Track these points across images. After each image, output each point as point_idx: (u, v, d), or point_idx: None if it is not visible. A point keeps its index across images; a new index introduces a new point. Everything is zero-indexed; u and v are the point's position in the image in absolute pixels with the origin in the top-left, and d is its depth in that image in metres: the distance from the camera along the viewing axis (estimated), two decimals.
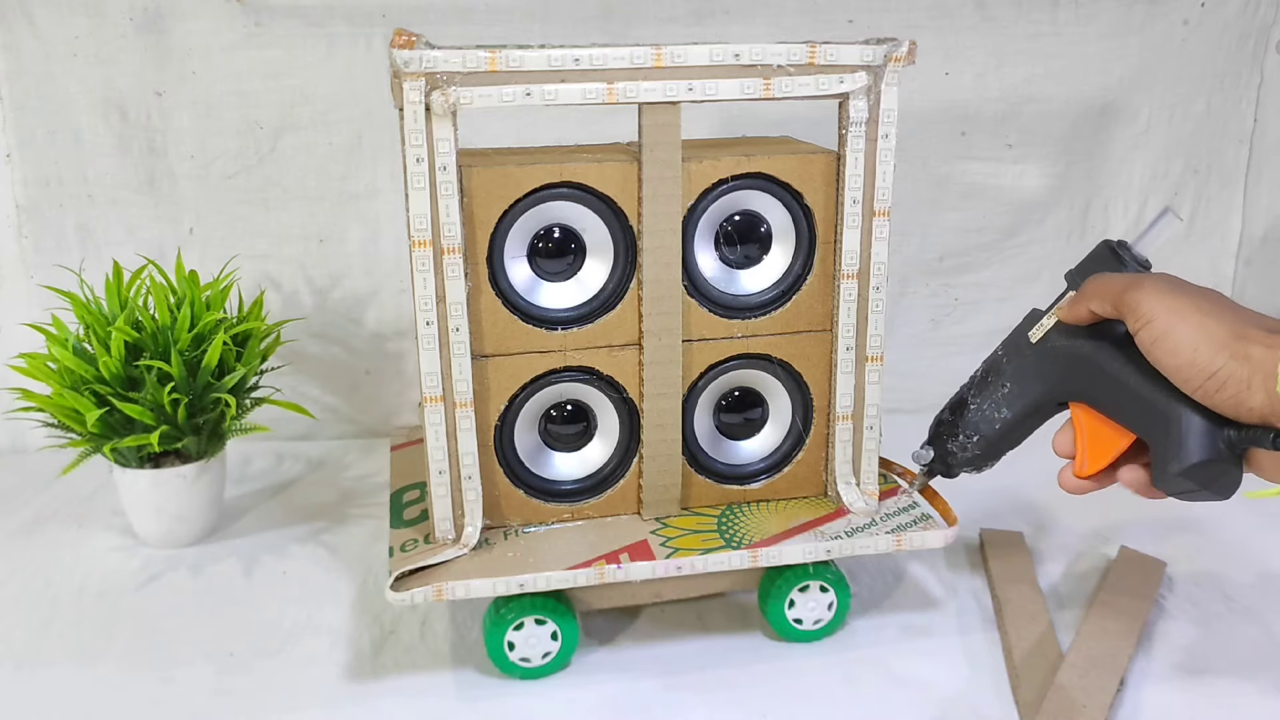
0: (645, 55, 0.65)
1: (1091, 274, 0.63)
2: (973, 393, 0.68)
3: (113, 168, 1.02)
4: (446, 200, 0.64)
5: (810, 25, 1.04)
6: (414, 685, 0.71)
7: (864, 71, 0.67)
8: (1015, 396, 0.66)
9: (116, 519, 0.92)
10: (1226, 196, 1.15)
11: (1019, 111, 1.09)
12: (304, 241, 1.05)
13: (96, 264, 1.01)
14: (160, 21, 0.98)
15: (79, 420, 0.81)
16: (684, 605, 0.78)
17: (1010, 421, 0.66)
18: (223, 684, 0.71)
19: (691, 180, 0.69)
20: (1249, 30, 1.09)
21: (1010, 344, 0.67)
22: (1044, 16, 1.07)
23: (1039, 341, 0.65)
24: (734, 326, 0.73)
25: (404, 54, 0.61)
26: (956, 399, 0.69)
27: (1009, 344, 0.67)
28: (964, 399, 0.69)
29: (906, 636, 0.76)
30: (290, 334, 1.02)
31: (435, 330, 0.67)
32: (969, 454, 0.68)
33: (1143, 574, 0.81)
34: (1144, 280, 0.57)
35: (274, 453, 1.07)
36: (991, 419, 0.67)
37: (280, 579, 0.84)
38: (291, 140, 1.02)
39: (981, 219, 1.12)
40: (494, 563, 0.69)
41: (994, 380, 0.67)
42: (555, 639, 0.70)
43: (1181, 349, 0.54)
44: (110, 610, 0.79)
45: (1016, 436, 0.67)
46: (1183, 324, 0.54)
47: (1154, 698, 0.68)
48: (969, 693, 0.69)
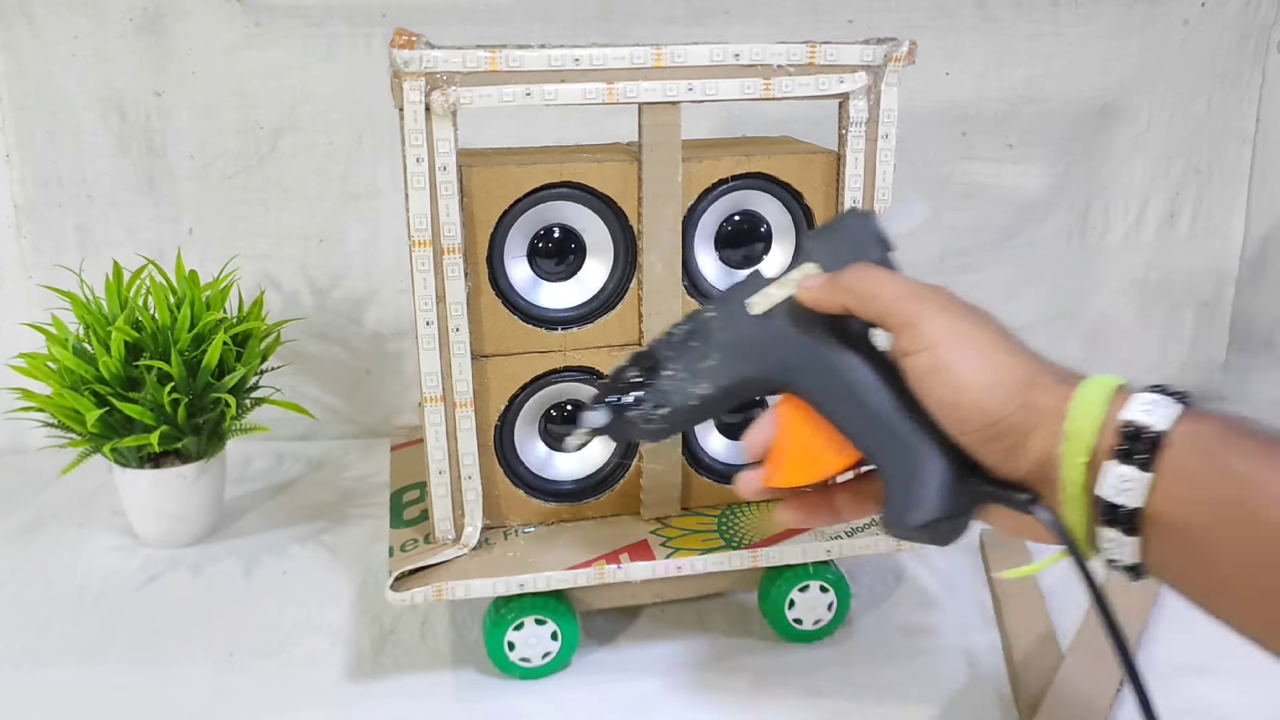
0: (645, 55, 0.65)
1: (841, 251, 0.53)
2: (670, 355, 0.57)
3: (112, 168, 1.02)
4: (446, 200, 0.64)
5: (810, 25, 1.04)
6: (414, 685, 0.71)
7: (864, 71, 0.67)
8: (720, 373, 0.55)
9: (116, 519, 0.92)
10: (1228, 197, 1.15)
11: (1019, 111, 1.09)
12: (304, 241, 1.05)
13: (96, 264, 1.01)
14: (160, 21, 0.98)
15: (79, 420, 0.81)
16: (684, 605, 0.78)
17: (709, 398, 0.55)
18: (223, 684, 0.71)
19: (691, 180, 0.69)
20: (1250, 30, 1.09)
21: (725, 308, 0.57)
22: (1044, 16, 1.07)
23: (761, 316, 0.55)
24: None
25: (404, 54, 0.61)
26: (648, 356, 0.58)
27: (724, 308, 0.57)
28: (659, 361, 0.57)
29: (906, 636, 0.76)
30: (290, 334, 1.02)
31: (435, 330, 0.67)
32: (652, 426, 0.57)
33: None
34: (925, 294, 0.48)
35: (274, 453, 1.07)
36: (687, 392, 0.56)
37: (280, 579, 0.84)
38: (291, 140, 1.02)
39: (981, 219, 1.12)
40: (494, 563, 0.69)
41: (698, 347, 0.56)
42: (555, 639, 0.70)
43: (965, 388, 0.45)
44: (110, 610, 0.79)
45: (711, 414, 0.57)
46: (970, 358, 0.46)
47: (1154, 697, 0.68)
48: (969, 692, 0.69)
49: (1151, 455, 0.40)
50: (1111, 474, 0.41)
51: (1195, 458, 0.40)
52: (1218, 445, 0.39)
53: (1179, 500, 0.40)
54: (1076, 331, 1.17)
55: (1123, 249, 1.15)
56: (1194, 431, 0.40)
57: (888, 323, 0.49)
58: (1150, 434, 0.41)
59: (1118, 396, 0.43)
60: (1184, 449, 0.40)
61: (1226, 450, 0.39)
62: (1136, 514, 0.41)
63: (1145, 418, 0.41)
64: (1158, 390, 0.43)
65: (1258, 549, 0.38)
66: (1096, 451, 0.42)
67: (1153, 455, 0.40)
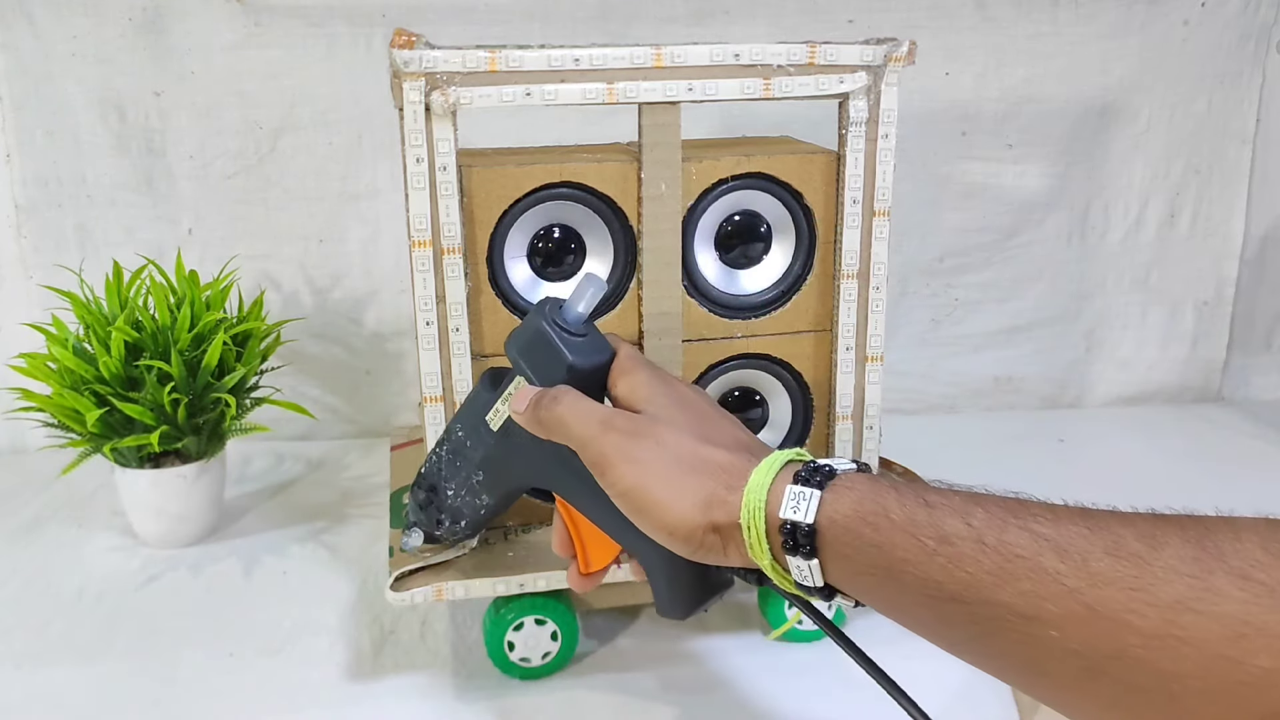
0: (645, 55, 0.65)
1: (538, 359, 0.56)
2: (444, 476, 0.63)
3: (112, 168, 1.02)
4: (446, 200, 0.64)
5: (810, 25, 1.04)
6: (414, 685, 0.71)
7: (864, 71, 0.67)
8: (491, 485, 0.61)
9: (116, 519, 0.92)
10: (1228, 197, 1.15)
11: (1019, 111, 1.09)
12: (304, 241, 1.05)
13: (96, 264, 1.01)
14: (159, 21, 0.98)
15: (79, 420, 0.81)
16: None
17: (494, 505, 0.62)
18: (223, 684, 0.71)
19: (691, 180, 0.69)
20: (1250, 30, 1.09)
21: (469, 425, 0.61)
22: (1044, 16, 1.07)
23: (500, 431, 0.59)
24: (734, 326, 0.73)
25: (404, 54, 0.61)
26: (429, 481, 0.64)
27: (467, 424, 0.61)
28: (436, 485, 0.63)
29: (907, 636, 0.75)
30: (290, 334, 1.02)
31: (435, 330, 0.67)
32: (459, 535, 0.65)
33: None
34: (606, 436, 0.51)
35: (274, 453, 1.07)
36: (474, 505, 0.62)
37: (280, 579, 0.84)
38: (291, 140, 1.02)
39: (981, 219, 1.12)
40: (494, 563, 0.69)
41: (463, 466, 0.61)
42: (555, 639, 0.70)
43: (656, 527, 0.50)
44: (110, 610, 0.79)
45: (507, 507, 0.63)
46: (655, 495, 0.50)
47: None
48: (969, 693, 0.69)
49: (811, 544, 0.46)
50: (791, 564, 0.47)
51: (844, 538, 0.46)
52: (857, 524, 0.45)
53: (842, 574, 0.47)
54: (1076, 331, 1.17)
55: (1123, 249, 1.15)
56: (834, 516, 0.46)
57: (588, 464, 0.52)
58: (804, 528, 0.46)
59: (774, 491, 0.48)
60: (833, 534, 0.46)
61: (863, 527, 0.45)
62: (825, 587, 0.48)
63: (795, 515, 0.47)
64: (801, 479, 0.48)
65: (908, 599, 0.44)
66: (774, 549, 0.48)
67: (812, 544, 0.46)
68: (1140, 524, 0.39)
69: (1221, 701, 0.34)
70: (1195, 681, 0.34)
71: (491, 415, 0.59)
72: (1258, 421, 1.15)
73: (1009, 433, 1.10)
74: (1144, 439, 1.10)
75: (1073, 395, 1.19)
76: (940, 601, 0.42)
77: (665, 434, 0.52)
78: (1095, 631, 0.37)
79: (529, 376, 0.57)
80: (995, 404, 1.18)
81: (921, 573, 0.43)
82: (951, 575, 0.42)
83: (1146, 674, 0.36)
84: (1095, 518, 0.40)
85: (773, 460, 0.49)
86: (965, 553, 0.41)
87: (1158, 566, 0.37)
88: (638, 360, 0.57)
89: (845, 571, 0.46)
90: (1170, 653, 0.35)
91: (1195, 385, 1.20)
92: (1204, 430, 1.13)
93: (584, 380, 0.55)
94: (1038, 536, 0.40)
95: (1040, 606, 0.39)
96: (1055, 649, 0.38)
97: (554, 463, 0.55)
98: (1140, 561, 0.37)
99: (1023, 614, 0.39)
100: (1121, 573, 0.37)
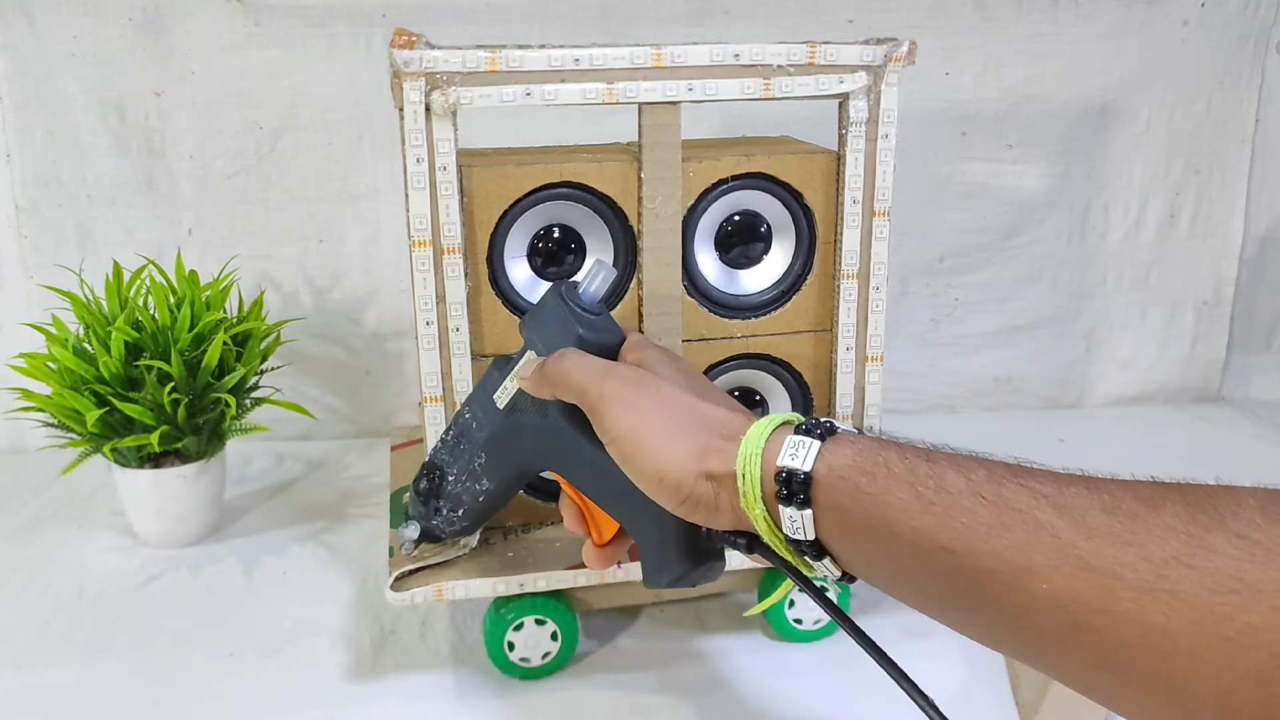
0: (645, 55, 0.65)
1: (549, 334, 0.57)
2: (447, 461, 0.64)
3: (112, 168, 1.02)
4: (446, 200, 0.64)
5: (810, 25, 1.04)
6: (414, 685, 0.71)
7: (864, 71, 0.67)
8: (493, 468, 0.61)
9: (116, 519, 0.92)
10: (1228, 197, 1.15)
11: (1019, 111, 1.09)
12: (304, 241, 1.05)
13: (96, 264, 1.01)
14: (159, 21, 0.98)
15: (79, 420, 0.81)
16: (684, 605, 0.78)
17: (494, 492, 0.62)
18: (223, 684, 0.71)
19: (691, 180, 0.69)
20: (1249, 30, 1.09)
21: (478, 405, 0.62)
22: (1044, 16, 1.07)
23: (506, 409, 0.60)
24: (734, 326, 0.73)
25: (404, 54, 0.61)
26: (432, 465, 0.65)
27: (476, 405, 0.62)
28: (441, 466, 0.64)
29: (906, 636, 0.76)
30: (290, 334, 1.02)
31: (435, 330, 0.67)
32: (456, 527, 0.65)
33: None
34: (607, 381, 0.52)
35: (274, 453, 1.07)
36: (474, 491, 0.63)
37: (280, 579, 0.84)
38: (291, 140, 1.02)
39: (981, 219, 1.12)
40: (494, 563, 0.69)
41: (467, 448, 0.63)
42: (555, 639, 0.70)
43: (650, 475, 0.50)
44: (110, 610, 0.79)
45: (505, 501, 0.64)
46: (649, 444, 0.50)
47: None
48: (969, 693, 0.69)
49: (806, 494, 0.46)
50: (784, 515, 0.47)
51: (839, 488, 0.45)
52: (853, 474, 0.45)
53: (834, 526, 0.46)
54: (1076, 331, 1.17)
55: (1123, 249, 1.15)
56: (832, 465, 0.46)
57: (589, 415, 0.53)
58: (799, 476, 0.46)
59: (772, 441, 0.48)
60: (828, 483, 0.46)
61: (860, 477, 0.45)
62: (816, 541, 0.47)
63: (792, 462, 0.46)
64: (802, 430, 0.48)
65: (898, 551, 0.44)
66: (767, 498, 0.47)
67: (806, 493, 0.46)
68: (1140, 488, 0.39)
69: (1209, 658, 0.34)
70: (1184, 638, 0.34)
71: (499, 394, 0.61)
72: (1258, 421, 1.15)
73: (1009, 433, 1.10)
74: (1144, 439, 1.10)
75: (1073, 395, 1.19)
76: (930, 553, 0.42)
77: (666, 388, 0.52)
78: (1085, 584, 0.37)
79: (539, 350, 0.58)
80: (995, 404, 1.18)
81: (916, 523, 0.43)
82: (946, 525, 0.42)
83: (1135, 629, 0.35)
84: (1096, 481, 0.40)
85: (773, 417, 0.50)
86: (962, 504, 0.42)
87: (1154, 524, 0.36)
88: (647, 342, 0.59)
89: (837, 524, 0.46)
90: (1161, 607, 0.35)
91: (1195, 385, 1.20)
92: (1204, 430, 1.13)
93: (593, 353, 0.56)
94: (1036, 493, 0.40)
95: (1031, 558, 0.39)
96: (1044, 602, 0.38)
97: (554, 438, 0.57)
98: (1137, 519, 0.37)
99: (1013, 565, 0.39)
100: (1117, 529, 0.37)
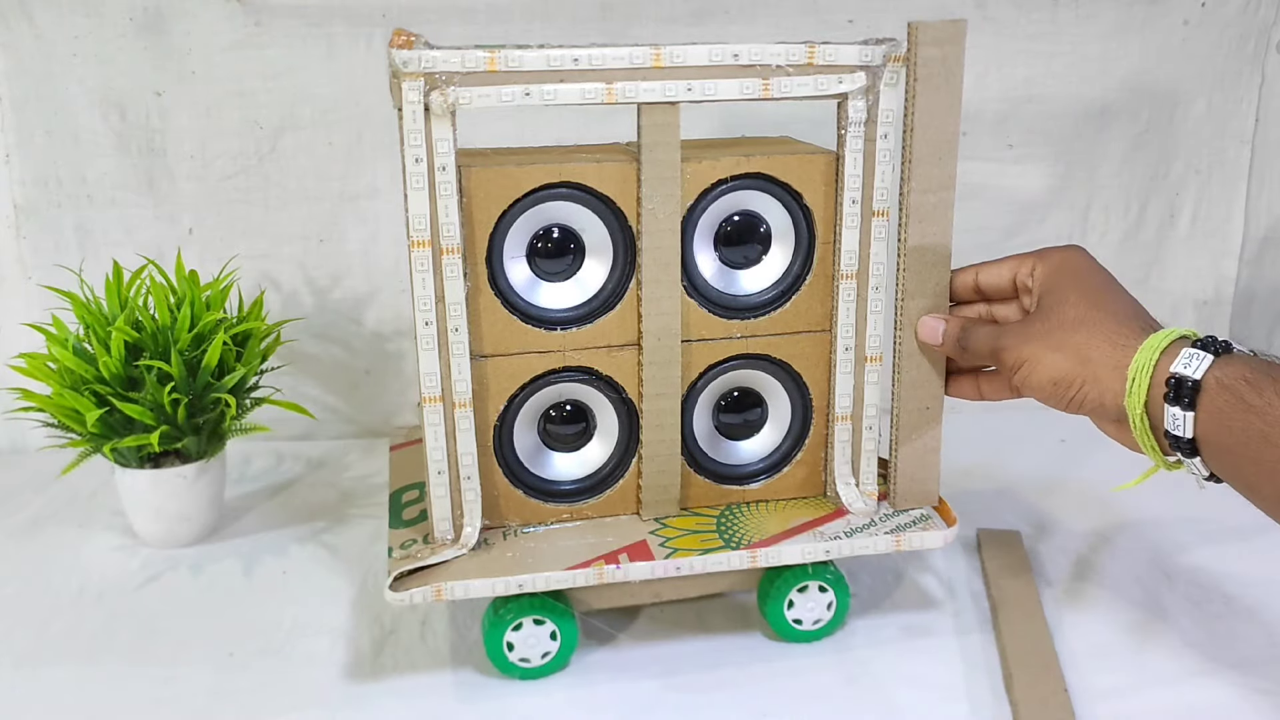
0: (644, 55, 0.65)
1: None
2: None
3: (112, 168, 1.02)
4: (445, 200, 0.64)
5: (810, 25, 1.04)
6: (414, 685, 0.71)
7: (863, 72, 0.67)
8: None
9: (116, 519, 0.92)
10: (1228, 197, 1.15)
11: (1019, 111, 1.09)
12: (304, 241, 1.05)
13: (95, 264, 1.01)
14: (160, 21, 0.98)
15: (79, 420, 0.81)
16: (684, 605, 0.78)
17: None
18: (223, 684, 0.71)
19: (690, 180, 0.69)
20: (1249, 30, 1.09)
21: None
22: (1044, 16, 1.07)
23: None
24: (733, 327, 0.73)
25: (403, 54, 0.61)
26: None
27: None
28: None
29: (906, 636, 0.76)
30: (290, 334, 1.02)
31: (434, 330, 0.67)
32: None
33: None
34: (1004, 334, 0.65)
35: (274, 453, 1.07)
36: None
37: (280, 579, 0.84)
38: (291, 140, 1.02)
39: (981, 219, 1.12)
40: (493, 563, 0.69)
41: None
42: (554, 639, 0.70)
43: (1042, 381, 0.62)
44: (110, 610, 0.80)
45: None
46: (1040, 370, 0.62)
47: (1154, 698, 0.68)
48: (968, 692, 0.69)
49: (1192, 398, 0.55)
50: (1167, 413, 0.56)
51: (1223, 396, 0.54)
52: (1242, 386, 0.54)
53: (1213, 428, 0.55)
54: None
55: (1123, 249, 1.15)
56: (1220, 378, 0.55)
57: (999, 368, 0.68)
58: (1189, 382, 0.55)
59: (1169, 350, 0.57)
60: (1216, 390, 0.55)
61: (1247, 389, 0.54)
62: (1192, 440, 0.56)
63: (1184, 370, 0.56)
64: (1199, 345, 0.57)
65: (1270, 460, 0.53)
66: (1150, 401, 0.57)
67: (1193, 397, 0.55)
68: None
69: None
70: None
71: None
72: None
73: (1009, 433, 1.10)
74: None
75: None
76: None
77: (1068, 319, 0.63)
78: None
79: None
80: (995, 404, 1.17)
81: None
82: None
83: None
84: None
85: (1170, 331, 0.59)
86: None
87: None
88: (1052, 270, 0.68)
89: (1217, 426, 0.54)
90: None
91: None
92: None
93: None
94: None
95: None
96: None
97: None
98: None
99: None
100: None
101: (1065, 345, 0.61)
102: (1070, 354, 0.61)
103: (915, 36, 0.67)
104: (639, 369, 0.72)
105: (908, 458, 0.74)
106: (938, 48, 0.67)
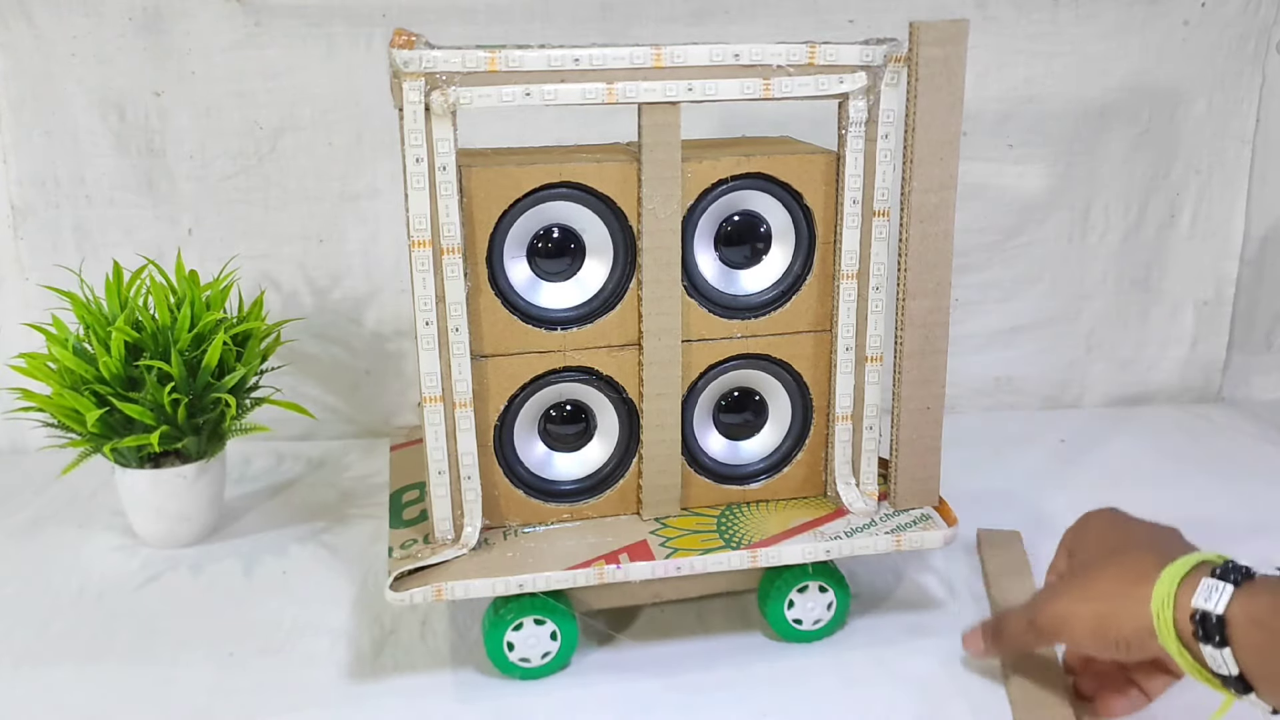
0: (645, 55, 0.65)
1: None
2: None
3: (111, 168, 1.02)
4: (446, 200, 0.64)
5: (810, 25, 1.04)
6: (414, 685, 0.71)
7: (863, 72, 0.67)
8: None
9: (116, 519, 0.92)
10: (1229, 197, 1.15)
11: (1019, 111, 1.09)
12: (304, 241, 1.05)
13: (95, 264, 1.01)
14: (159, 21, 0.98)
15: (79, 420, 0.81)
16: (684, 605, 0.78)
17: None
18: (223, 684, 0.71)
19: (691, 180, 0.69)
20: (1249, 30, 1.09)
21: None
22: (1044, 16, 1.07)
23: None
24: (733, 327, 0.73)
25: (403, 54, 0.61)
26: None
27: None
28: None
29: (906, 636, 0.76)
30: (290, 334, 1.02)
31: (435, 330, 0.67)
32: None
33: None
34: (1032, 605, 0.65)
35: (274, 453, 1.07)
36: None
37: (280, 579, 0.84)
38: (291, 140, 1.02)
39: (982, 219, 1.12)
40: (493, 563, 0.69)
41: None
42: (555, 639, 0.70)
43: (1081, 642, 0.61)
44: (110, 610, 0.79)
45: None
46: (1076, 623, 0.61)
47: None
48: (967, 692, 0.69)
49: (1221, 634, 0.52)
50: (1204, 652, 0.53)
51: (1258, 634, 0.52)
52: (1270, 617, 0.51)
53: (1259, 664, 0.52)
54: (1077, 331, 1.17)
55: (1123, 249, 1.15)
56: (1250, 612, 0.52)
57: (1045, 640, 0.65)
58: (1213, 619, 0.53)
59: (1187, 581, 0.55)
60: (1245, 628, 0.52)
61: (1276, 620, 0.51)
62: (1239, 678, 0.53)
63: (1205, 604, 0.53)
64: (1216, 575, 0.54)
65: None
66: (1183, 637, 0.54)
67: (1222, 633, 0.52)
68: None
69: None
70: None
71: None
72: (1258, 421, 1.15)
73: (1009, 433, 1.10)
74: (1144, 439, 1.09)
75: (1073, 395, 1.19)
76: None
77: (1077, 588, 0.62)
78: None
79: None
80: (995, 404, 1.18)
81: None
82: None
83: None
84: None
85: (1189, 558, 0.56)
86: None
87: None
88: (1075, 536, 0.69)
89: (1260, 662, 0.52)
90: None
91: (1195, 385, 1.20)
92: (1204, 430, 1.13)
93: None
94: None
95: None
96: None
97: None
98: None
99: None
100: None
101: (1089, 592, 0.60)
102: (1096, 599, 0.59)
103: (917, 37, 0.67)
104: (639, 369, 0.72)
105: (908, 458, 0.74)
106: (939, 48, 0.67)
